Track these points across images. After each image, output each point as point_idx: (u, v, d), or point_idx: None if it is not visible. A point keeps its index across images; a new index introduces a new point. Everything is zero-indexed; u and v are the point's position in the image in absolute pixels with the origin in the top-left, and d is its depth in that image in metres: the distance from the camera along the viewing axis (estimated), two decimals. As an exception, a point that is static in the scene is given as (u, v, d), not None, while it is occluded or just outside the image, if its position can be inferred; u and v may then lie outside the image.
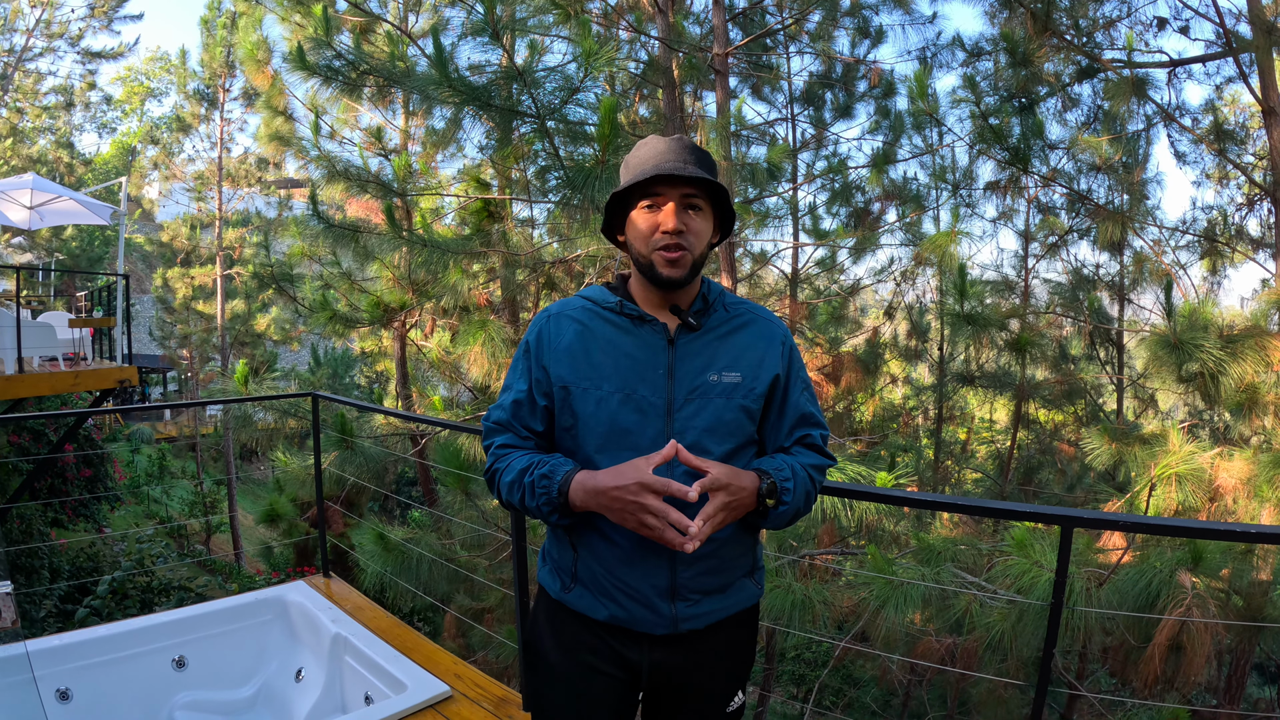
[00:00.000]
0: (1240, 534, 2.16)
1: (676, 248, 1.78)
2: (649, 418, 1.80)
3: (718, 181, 1.80)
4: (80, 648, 3.74)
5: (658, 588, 1.81)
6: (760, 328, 1.95)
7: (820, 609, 4.67)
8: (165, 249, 21.23)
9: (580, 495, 1.68)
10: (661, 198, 1.79)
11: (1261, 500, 4.88)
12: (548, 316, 1.93)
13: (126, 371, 10.19)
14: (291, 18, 8.78)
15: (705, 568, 1.84)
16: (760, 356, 1.91)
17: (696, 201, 1.81)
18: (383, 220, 6.62)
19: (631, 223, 1.85)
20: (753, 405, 1.88)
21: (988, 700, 7.02)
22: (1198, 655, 4.00)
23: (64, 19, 22.26)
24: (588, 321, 1.88)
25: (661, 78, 7.03)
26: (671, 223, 1.77)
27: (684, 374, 1.84)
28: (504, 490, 1.83)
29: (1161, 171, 22.11)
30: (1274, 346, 4.99)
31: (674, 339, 1.86)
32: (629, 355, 1.84)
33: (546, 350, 1.88)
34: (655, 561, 1.80)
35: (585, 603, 1.86)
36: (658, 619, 1.81)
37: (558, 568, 1.94)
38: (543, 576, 2.01)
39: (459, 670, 3.66)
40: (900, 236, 9.60)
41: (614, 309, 1.89)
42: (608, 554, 1.82)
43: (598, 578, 1.84)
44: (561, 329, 1.89)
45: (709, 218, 1.86)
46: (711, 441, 1.82)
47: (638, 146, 1.90)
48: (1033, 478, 9.81)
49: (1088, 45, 7.56)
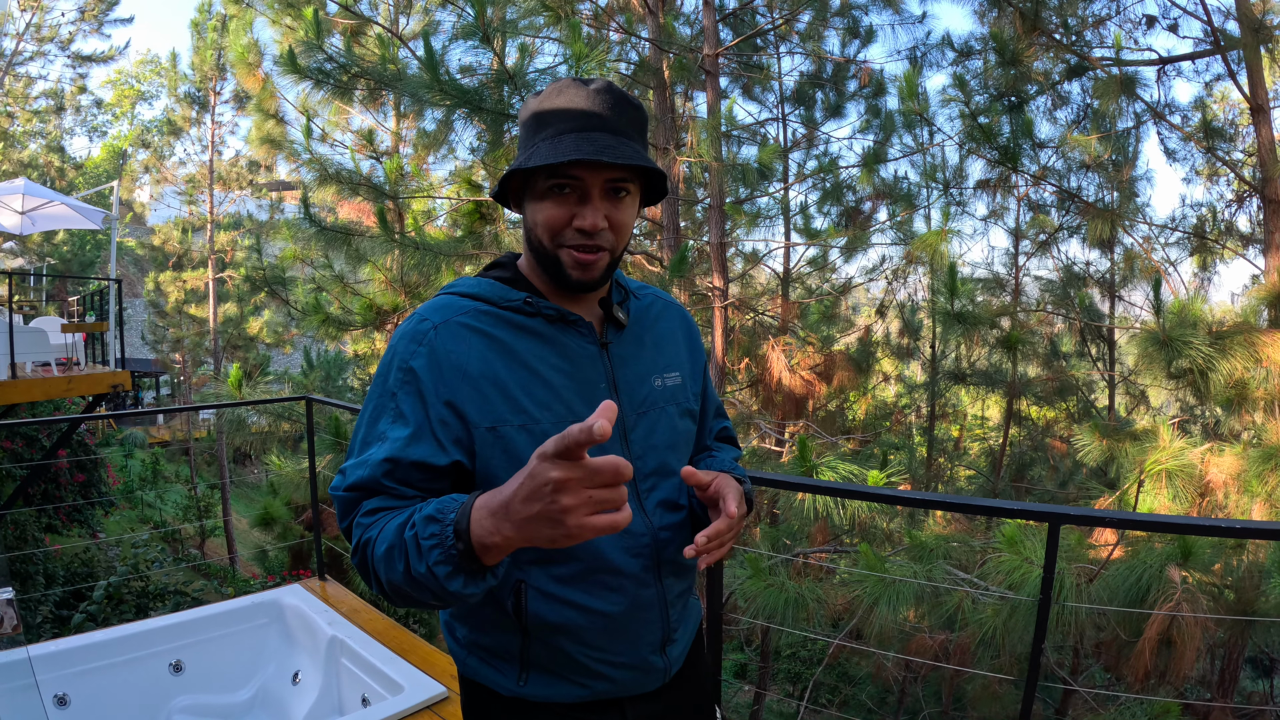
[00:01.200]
0: (1225, 529, 2.19)
1: (593, 249, 1.32)
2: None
3: (655, 165, 1.31)
4: (77, 653, 3.74)
5: (653, 643, 1.44)
6: (670, 311, 1.61)
7: (814, 607, 4.69)
8: (157, 253, 21.18)
9: (486, 525, 1.03)
10: (579, 182, 1.29)
11: (1252, 495, 4.91)
12: (431, 327, 1.33)
13: (119, 376, 10.17)
14: (282, 21, 8.79)
15: (684, 600, 1.53)
16: (686, 347, 1.59)
17: (623, 183, 1.32)
18: (375, 222, 6.64)
19: (534, 206, 1.34)
20: (695, 407, 1.57)
21: (982, 696, 7.05)
22: (1188, 649, 4.04)
23: (54, 23, 22.22)
24: (493, 331, 1.34)
25: (652, 78, 7.06)
26: (591, 220, 1.29)
27: (627, 384, 1.44)
28: (380, 567, 1.17)
29: (1151, 169, 22.29)
30: (1263, 342, 5.03)
31: (605, 341, 1.43)
32: (560, 370, 1.36)
33: (448, 378, 1.29)
34: (649, 615, 1.42)
35: (552, 690, 1.41)
36: (652, 677, 1.46)
37: (495, 655, 1.44)
38: (471, 670, 1.48)
39: (455, 671, 3.66)
40: (891, 235, 9.63)
41: (520, 308, 1.37)
42: (586, 628, 1.37)
43: (571, 657, 1.38)
44: (459, 345, 1.31)
45: (635, 198, 1.38)
46: (674, 460, 1.48)
47: (550, 91, 1.34)
48: (1025, 474, 9.86)
49: (1077, 44, 7.59)
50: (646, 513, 1.42)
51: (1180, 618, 3.93)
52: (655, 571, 1.42)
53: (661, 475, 1.45)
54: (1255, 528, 2.35)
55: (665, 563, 1.44)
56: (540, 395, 1.32)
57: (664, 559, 1.43)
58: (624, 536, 1.38)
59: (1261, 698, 8.98)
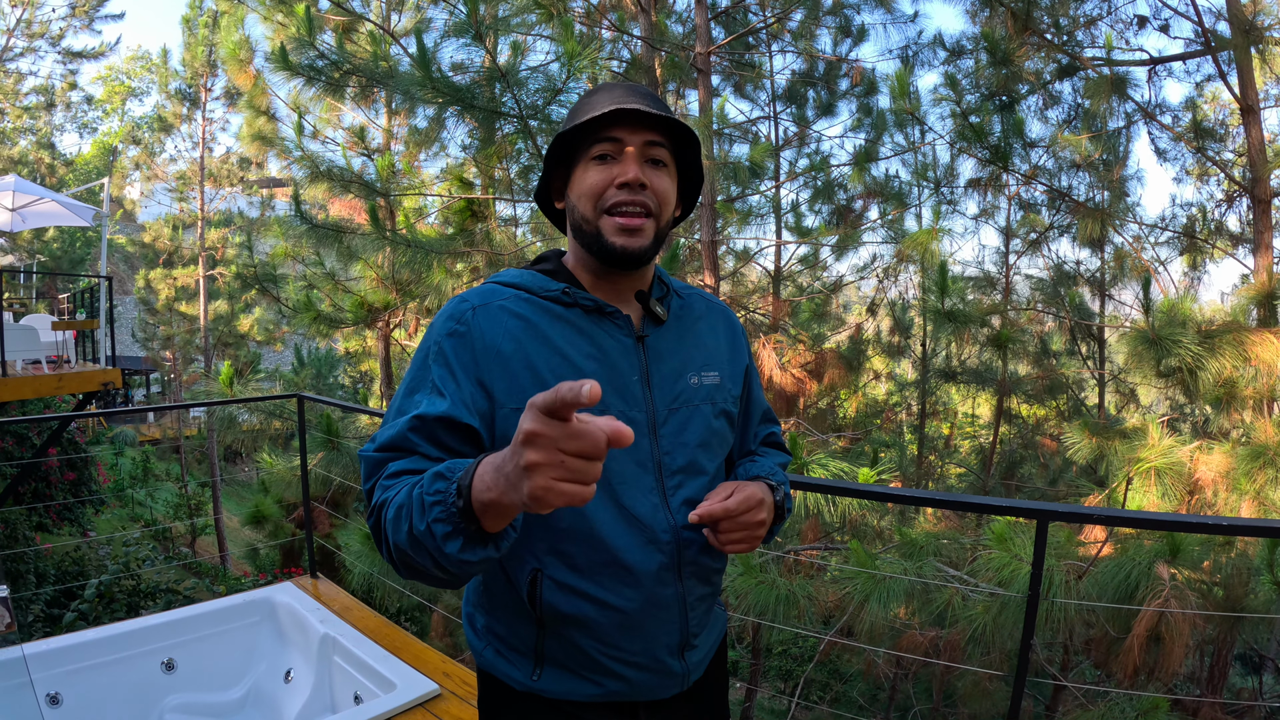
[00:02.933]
0: (1211, 526, 2.21)
1: (637, 209, 1.35)
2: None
3: (689, 127, 1.40)
4: (69, 652, 3.74)
5: (670, 645, 1.43)
6: (714, 312, 1.61)
7: (805, 604, 4.70)
8: (147, 250, 21.13)
9: (486, 479, 0.99)
10: (619, 144, 1.36)
11: (1240, 493, 4.93)
12: (470, 309, 1.37)
13: (110, 374, 10.16)
14: (274, 17, 8.75)
15: (706, 606, 1.51)
16: (728, 348, 1.58)
17: (661, 154, 1.39)
18: (366, 220, 6.63)
19: (577, 179, 1.40)
20: (733, 409, 1.55)
21: (973, 692, 7.07)
22: (1176, 646, 4.06)
23: (45, 19, 22.08)
24: (530, 315, 1.37)
25: (644, 76, 7.06)
26: (633, 171, 1.34)
27: (661, 379, 1.44)
28: (389, 529, 1.15)
29: (1142, 168, 22.35)
30: (1251, 341, 5.05)
31: (642, 334, 1.44)
32: (593, 359, 1.37)
33: (481, 357, 1.32)
34: (666, 615, 1.41)
35: (565, 686, 1.41)
36: (668, 681, 1.44)
37: (511, 648, 1.45)
38: (487, 661, 1.49)
39: (448, 668, 3.67)
40: (882, 234, 9.66)
41: (558, 299, 1.40)
42: (601, 623, 1.37)
43: (585, 652, 1.38)
44: (494, 326, 1.35)
45: (673, 179, 1.43)
46: (706, 459, 1.46)
47: (590, 91, 1.45)
48: (1015, 472, 9.89)
49: (1068, 44, 7.62)
50: (671, 510, 1.40)
51: (1168, 614, 3.95)
52: (676, 571, 1.41)
53: (689, 473, 1.43)
54: (1240, 524, 2.38)
55: (687, 563, 1.42)
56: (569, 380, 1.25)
57: (685, 559, 1.42)
58: (644, 530, 1.37)
59: (1251, 694, 9.02)
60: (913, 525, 6.70)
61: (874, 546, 6.04)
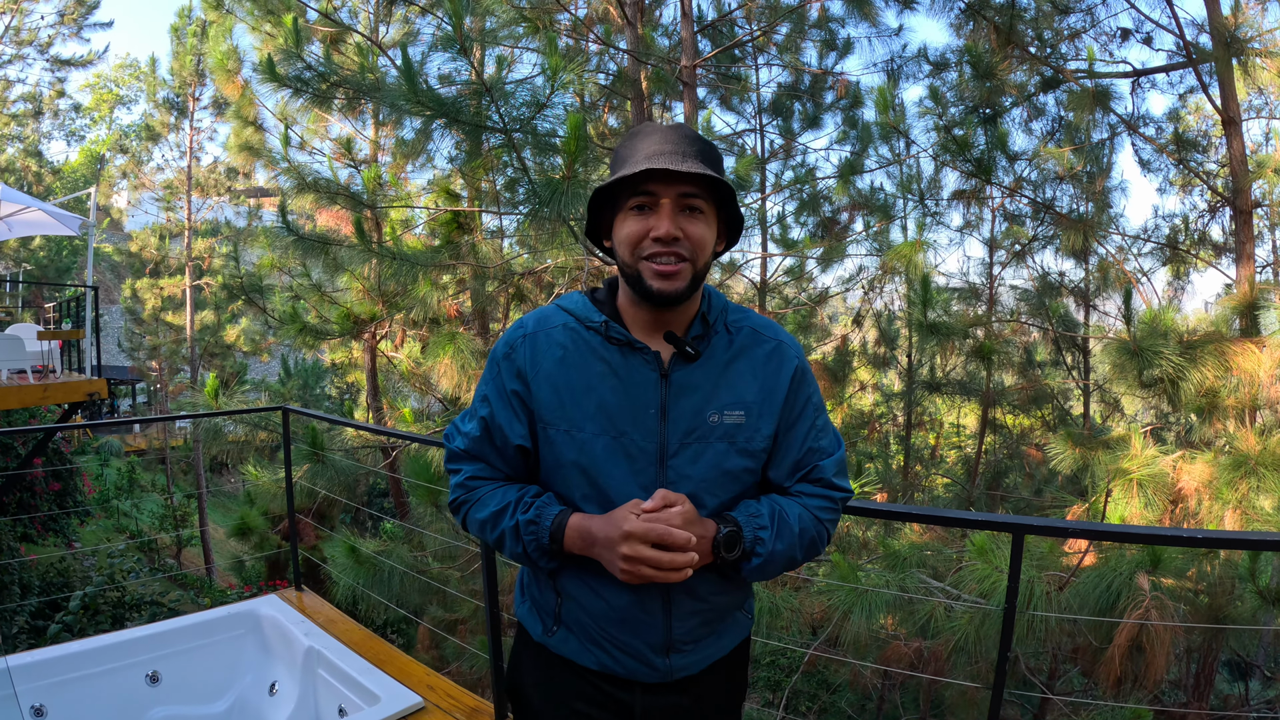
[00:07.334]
0: (1186, 539, 2.23)
1: (671, 258, 1.48)
2: (638, 465, 1.54)
3: (724, 178, 1.50)
4: (54, 664, 3.72)
5: (652, 644, 1.61)
6: (769, 350, 1.66)
7: (790, 615, 4.72)
8: (134, 259, 21.02)
9: (576, 542, 1.51)
10: (654, 197, 1.49)
11: (1223, 502, 4.96)
12: (524, 336, 1.62)
13: (96, 384, 10.12)
14: (262, 27, 8.77)
15: (700, 620, 1.65)
16: (768, 388, 1.63)
17: (697, 203, 1.50)
18: (352, 230, 6.63)
19: (618, 225, 1.55)
20: (758, 448, 1.62)
21: (960, 702, 7.09)
22: (1158, 655, 4.08)
23: (33, 26, 22.03)
24: (570, 345, 1.58)
25: (630, 89, 7.10)
26: (665, 227, 1.46)
27: (679, 414, 1.56)
28: (473, 526, 1.65)
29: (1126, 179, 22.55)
30: (1233, 351, 5.08)
31: (668, 371, 1.57)
32: (616, 391, 1.55)
33: (523, 377, 1.60)
34: (649, 621, 1.59)
35: (571, 648, 1.66)
36: (651, 671, 1.62)
37: (538, 607, 1.73)
38: (522, 613, 1.80)
39: (432, 681, 3.67)
40: (868, 245, 9.70)
41: (599, 330, 1.58)
42: (597, 607, 1.61)
43: (585, 626, 1.63)
44: (540, 352, 1.59)
45: (712, 222, 1.55)
46: (709, 494, 1.58)
47: (631, 134, 1.59)
48: (1000, 482, 9.94)
49: (1051, 57, 7.67)
50: None
51: (1149, 625, 3.98)
52: (662, 587, 1.59)
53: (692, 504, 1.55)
54: (1215, 537, 2.40)
55: (675, 585, 1.58)
56: (590, 408, 1.55)
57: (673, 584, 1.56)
58: None
59: (1238, 701, 9.06)
60: (898, 536, 6.71)
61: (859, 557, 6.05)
